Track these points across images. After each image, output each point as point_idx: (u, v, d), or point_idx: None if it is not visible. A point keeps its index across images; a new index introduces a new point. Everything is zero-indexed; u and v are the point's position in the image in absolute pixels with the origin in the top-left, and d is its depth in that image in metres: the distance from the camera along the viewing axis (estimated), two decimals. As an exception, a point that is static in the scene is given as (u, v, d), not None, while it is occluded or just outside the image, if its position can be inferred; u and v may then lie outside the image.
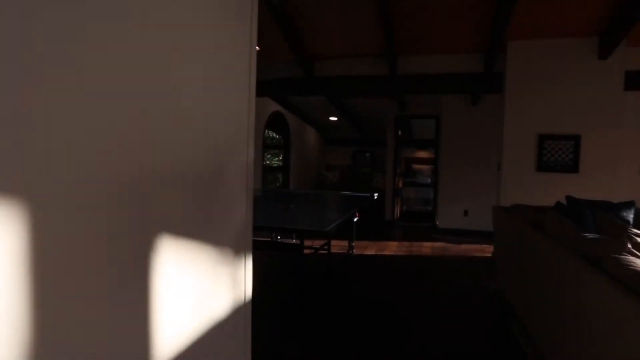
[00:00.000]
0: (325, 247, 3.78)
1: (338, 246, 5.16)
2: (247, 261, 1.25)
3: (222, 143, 1.08)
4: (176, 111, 0.89)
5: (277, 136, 7.75)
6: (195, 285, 0.99)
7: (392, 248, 5.24)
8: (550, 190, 3.92)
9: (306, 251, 3.49)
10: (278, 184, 7.73)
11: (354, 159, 9.81)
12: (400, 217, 7.52)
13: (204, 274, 1.03)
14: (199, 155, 0.99)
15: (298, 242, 3.00)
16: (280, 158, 7.89)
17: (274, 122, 7.24)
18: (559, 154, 3.94)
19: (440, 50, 4.65)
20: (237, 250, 1.19)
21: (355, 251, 4.93)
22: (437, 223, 6.30)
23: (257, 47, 4.23)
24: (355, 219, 4.79)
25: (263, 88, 5.63)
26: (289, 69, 5.40)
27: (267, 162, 7.85)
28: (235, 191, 1.15)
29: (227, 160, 1.10)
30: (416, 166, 8.96)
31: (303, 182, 8.72)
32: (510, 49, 4.12)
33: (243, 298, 1.25)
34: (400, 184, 7.60)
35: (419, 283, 3.79)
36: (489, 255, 4.75)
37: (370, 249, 5.17)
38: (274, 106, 6.88)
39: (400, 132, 7.16)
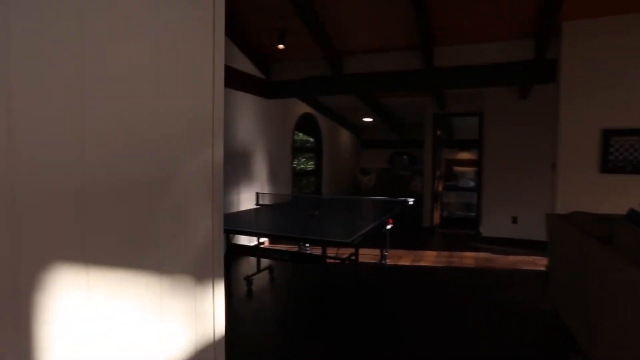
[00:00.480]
0: (353, 256, 3.45)
1: (369, 255, 4.80)
2: (216, 290, 0.98)
3: (173, 143, 0.84)
4: (106, 106, 0.70)
5: (311, 139, 7.53)
6: (127, 328, 0.73)
7: (429, 258, 4.79)
8: (617, 195, 3.33)
9: (332, 261, 3.21)
10: (311, 189, 7.50)
11: (391, 161, 9.37)
12: (439, 223, 6.99)
13: (143, 310, 0.77)
14: (135, 158, 0.75)
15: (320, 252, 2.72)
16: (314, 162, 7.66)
17: (305, 124, 7.02)
18: (629, 152, 3.33)
19: (481, 38, 4.17)
20: (200, 276, 0.93)
21: (388, 261, 4.55)
22: (481, 231, 5.73)
23: (280, 46, 3.96)
24: (389, 226, 4.43)
25: (289, 88, 5.43)
26: (316, 67, 5.15)
27: (302, 165, 7.67)
28: (194, 201, 0.89)
29: (180, 163, 0.86)
30: (458, 168, 8.35)
31: (337, 186, 8.42)
32: (565, 30, 3.57)
33: (212, 337, 0.98)
34: (440, 188, 7.07)
35: (458, 299, 3.34)
36: (542, 269, 4.17)
37: (405, 258, 4.76)
38: (303, 107, 6.67)
39: (439, 132, 6.65)
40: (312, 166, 7.55)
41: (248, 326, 2.86)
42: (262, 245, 3.35)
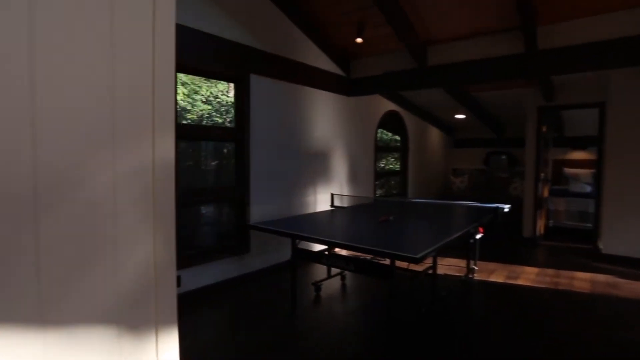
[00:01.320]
0: (430, 270, 3.07)
1: (454, 267, 4.30)
2: (162, 346, 0.75)
3: (76, 139, 0.62)
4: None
5: (397, 137, 7.15)
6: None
7: (528, 276, 4.08)
8: None
9: (406, 273, 2.88)
10: (396, 191, 7.11)
11: (488, 162, 8.41)
12: (544, 234, 6.01)
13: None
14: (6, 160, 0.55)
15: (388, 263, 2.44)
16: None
17: (390, 122, 6.67)
18: None
19: (599, 8, 3.38)
20: (133, 329, 0.69)
21: (476, 276, 4.01)
22: (601, 247, 4.73)
23: (359, 40, 3.74)
24: (478, 236, 3.90)
25: (369, 84, 5.16)
26: (398, 60, 4.80)
27: (391, 166, 7.33)
28: (119, 219, 0.66)
29: (88, 166, 0.63)
30: (569, 170, 7.09)
31: (425, 188, 7.86)
32: None
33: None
34: (546, 193, 6.07)
35: (564, 334, 2.73)
36: (691, 302, 3.22)
37: (497, 274, 4.14)
38: (388, 105, 6.33)
39: (544, 128, 5.70)
40: (397, 166, 7.15)
41: (305, 336, 2.71)
42: (330, 252, 3.17)
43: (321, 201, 4.90)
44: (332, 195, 4.31)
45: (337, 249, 3.16)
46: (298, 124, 4.54)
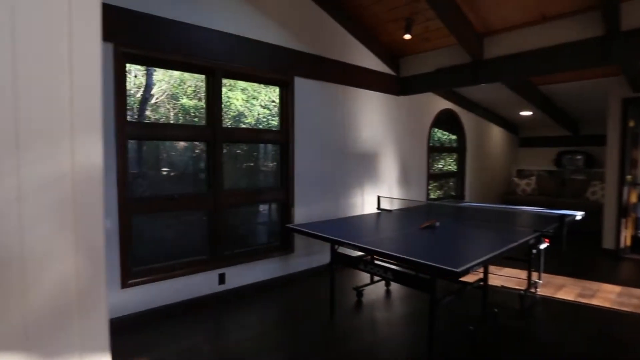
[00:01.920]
0: (481, 282, 2.76)
1: (514, 279, 3.89)
2: None
3: None
4: None
5: (453, 137, 6.71)
6: None
7: (607, 295, 3.54)
8: None
9: (444, 281, 2.61)
10: (452, 194, 6.66)
11: (559, 162, 7.55)
12: (630, 245, 5.22)
13: None
14: None
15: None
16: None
17: (445, 121, 6.28)
18: None
19: None
20: (54, 356, 0.60)
21: (539, 291, 3.57)
22: None
23: (407, 36, 3.55)
24: (543, 246, 3.48)
25: (420, 82, 4.89)
26: (451, 56, 4.48)
27: (449, 167, 6.91)
28: (29, 229, 0.57)
29: None
30: (665, 172, 6.09)
31: (485, 191, 7.29)
32: None
33: None
34: (634, 198, 5.27)
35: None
36: None
37: (567, 290, 3.65)
38: (443, 103, 5.95)
39: (632, 123, 4.95)
40: (454, 167, 6.70)
41: (339, 344, 2.57)
42: (368, 258, 3.01)
43: (368, 203, 4.72)
44: (379, 197, 4.12)
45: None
46: (344, 125, 4.42)
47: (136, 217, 2.95)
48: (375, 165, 4.86)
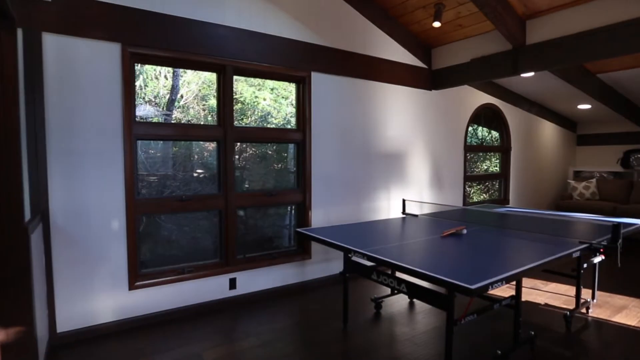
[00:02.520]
0: (512, 300, 2.37)
1: (562, 297, 3.40)
2: None
3: None
4: None
5: (496, 134, 6.14)
6: None
7: (679, 320, 2.95)
8: None
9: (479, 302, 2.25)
10: (495, 197, 6.09)
11: (627, 162, 6.65)
12: None
13: None
14: None
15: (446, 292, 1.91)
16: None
17: (486, 117, 5.76)
18: None
19: None
20: None
21: (592, 312, 3.06)
22: None
23: (436, 24, 3.25)
24: (598, 259, 3.03)
25: (454, 75, 4.49)
26: (488, 43, 4.05)
27: (495, 168, 6.35)
28: None
29: None
30: None
31: (534, 195, 6.60)
32: None
33: None
34: None
35: None
36: None
37: (629, 313, 3.10)
38: (483, 97, 5.45)
39: None
40: (497, 169, 6.12)
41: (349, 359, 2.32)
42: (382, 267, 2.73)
43: (395, 207, 4.40)
44: (404, 201, 3.80)
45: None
46: (368, 123, 4.14)
47: (146, 217, 2.91)
48: (404, 166, 4.52)
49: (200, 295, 3.09)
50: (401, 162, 4.49)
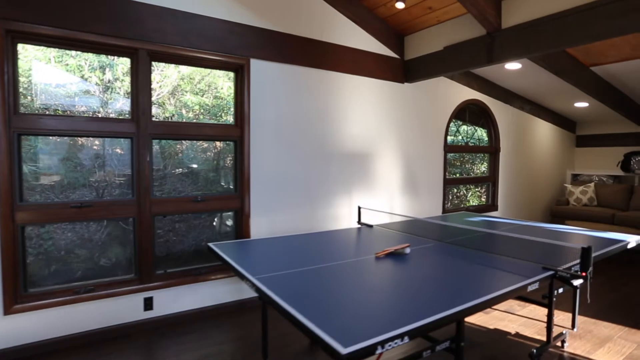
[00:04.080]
0: (452, 342, 1.87)
1: (539, 323, 2.90)
2: None
3: None
4: None
5: (484, 134, 5.60)
6: None
7: (675, 360, 2.42)
8: None
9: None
10: (479, 204, 5.55)
11: (627, 165, 6.07)
12: None
13: None
14: None
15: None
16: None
17: (471, 115, 5.24)
18: None
19: None
20: None
21: (570, 345, 2.56)
22: None
23: (399, 5, 2.70)
24: (578, 282, 2.52)
25: (427, 65, 3.99)
26: (461, 28, 3.55)
27: (481, 170, 5.80)
28: None
29: None
30: None
31: (526, 200, 6.06)
32: None
33: None
34: None
35: None
36: None
37: (614, 346, 2.58)
38: (465, 92, 4.93)
39: None
40: (484, 172, 5.58)
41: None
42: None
43: (356, 215, 3.91)
44: (360, 209, 3.31)
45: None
46: (327, 119, 3.66)
47: (35, 226, 2.47)
48: (371, 168, 4.03)
49: (104, 319, 2.64)
50: (368, 164, 4.00)
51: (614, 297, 3.53)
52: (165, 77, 3.03)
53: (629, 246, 2.54)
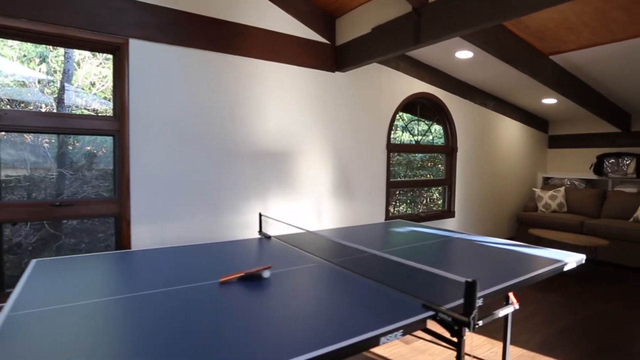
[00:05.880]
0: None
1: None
2: None
3: None
4: None
5: (439, 132, 5.08)
6: None
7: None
8: None
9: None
10: (433, 210, 5.03)
11: (600, 168, 5.58)
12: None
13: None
14: None
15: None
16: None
17: (423, 111, 4.73)
18: None
19: None
20: None
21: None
22: None
23: None
24: (507, 310, 2.06)
25: (356, 50, 3.48)
26: (390, 6, 3.03)
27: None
28: None
29: None
30: None
31: (490, 205, 5.55)
32: None
33: None
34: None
35: None
36: None
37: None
38: (415, 85, 4.41)
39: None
40: (440, 174, 5.05)
41: None
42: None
43: (273, 222, 3.37)
44: (260, 216, 2.77)
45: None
46: (235, 111, 3.12)
47: None
48: (293, 169, 3.49)
49: None
50: (290, 164, 3.46)
51: (568, 323, 3.01)
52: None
53: (567, 268, 2.02)
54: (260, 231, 2.77)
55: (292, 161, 3.48)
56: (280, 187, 3.41)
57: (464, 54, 3.92)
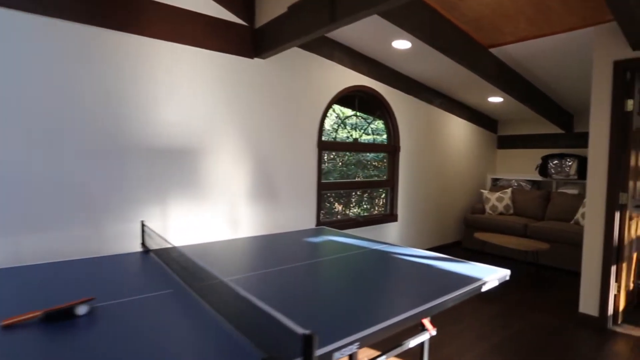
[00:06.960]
0: None
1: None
2: None
3: None
4: None
5: (381, 129, 4.75)
6: None
7: None
8: None
9: None
10: (382, 210, 4.70)
11: (545, 170, 5.48)
12: (625, 309, 3.20)
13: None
14: None
15: None
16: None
17: (363, 103, 4.39)
18: None
19: None
20: None
21: None
22: None
23: None
24: (422, 338, 1.67)
25: (273, 34, 3.06)
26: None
27: (378, 176, 4.98)
28: None
29: None
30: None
31: (436, 208, 5.30)
32: None
33: None
34: (636, 231, 3.22)
35: None
36: None
37: None
38: (352, 77, 4.05)
39: (631, 102, 2.92)
40: (383, 175, 4.72)
41: None
42: None
43: (173, 230, 2.88)
44: (143, 224, 2.30)
45: None
46: (124, 102, 2.60)
47: None
48: (200, 169, 3.01)
49: None
50: (196, 163, 2.97)
51: (499, 339, 2.72)
52: None
53: (486, 288, 1.68)
54: (142, 244, 2.28)
55: (200, 160, 3.00)
56: (184, 189, 2.92)
57: (401, 43, 3.60)
